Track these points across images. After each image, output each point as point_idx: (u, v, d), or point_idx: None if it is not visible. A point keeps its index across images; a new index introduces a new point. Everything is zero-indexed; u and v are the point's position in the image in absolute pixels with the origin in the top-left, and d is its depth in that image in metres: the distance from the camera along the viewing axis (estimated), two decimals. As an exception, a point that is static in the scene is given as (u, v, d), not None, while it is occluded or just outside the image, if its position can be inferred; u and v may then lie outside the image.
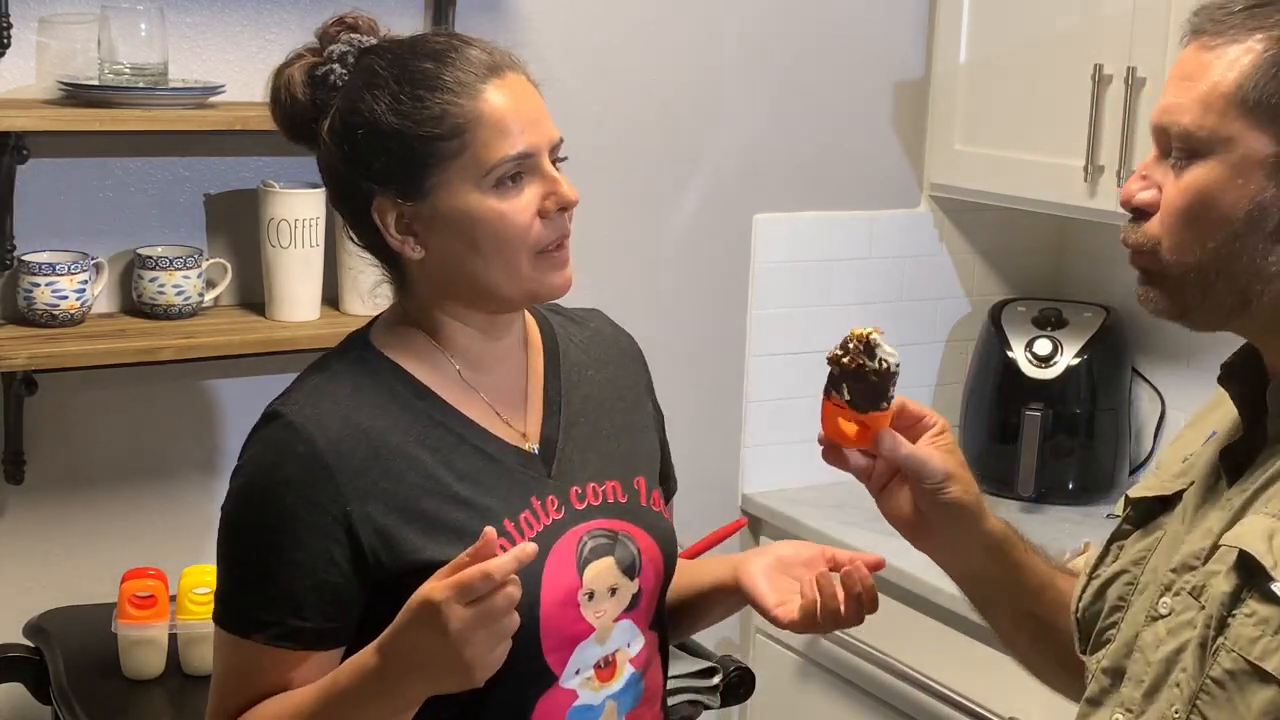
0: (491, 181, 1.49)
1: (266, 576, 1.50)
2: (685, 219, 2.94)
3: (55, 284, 2.30)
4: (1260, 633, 1.24)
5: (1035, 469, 2.94)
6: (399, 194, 1.51)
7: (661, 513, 1.69)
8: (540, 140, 1.51)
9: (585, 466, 1.62)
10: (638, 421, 1.72)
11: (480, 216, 1.49)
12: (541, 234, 1.51)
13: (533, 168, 1.51)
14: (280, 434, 1.52)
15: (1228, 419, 1.43)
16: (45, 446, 2.43)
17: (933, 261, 3.19)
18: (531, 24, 2.72)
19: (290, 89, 1.56)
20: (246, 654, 1.52)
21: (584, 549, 1.57)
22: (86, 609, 2.38)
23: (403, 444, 1.52)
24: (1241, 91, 1.28)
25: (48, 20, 2.36)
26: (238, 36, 2.48)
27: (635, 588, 1.61)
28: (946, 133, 3.04)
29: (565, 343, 1.69)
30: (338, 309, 2.53)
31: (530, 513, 1.56)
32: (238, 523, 1.55)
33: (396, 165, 1.50)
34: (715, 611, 1.80)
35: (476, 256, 1.51)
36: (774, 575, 1.63)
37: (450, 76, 1.50)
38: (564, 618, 1.54)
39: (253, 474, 1.53)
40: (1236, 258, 1.30)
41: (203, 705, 2.18)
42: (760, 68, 2.95)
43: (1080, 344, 2.99)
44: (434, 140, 1.49)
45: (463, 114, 1.49)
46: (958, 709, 2.54)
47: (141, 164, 2.45)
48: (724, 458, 3.02)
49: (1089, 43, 2.70)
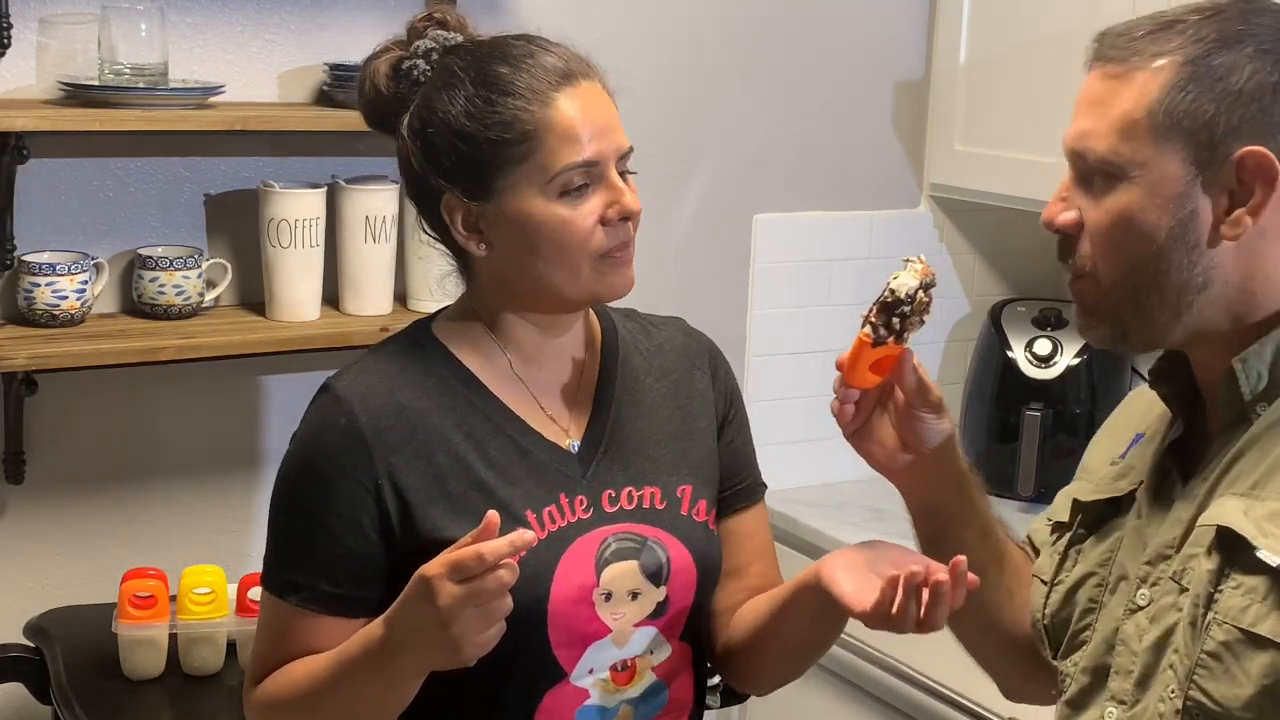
0: (556, 188, 1.52)
1: (303, 541, 1.56)
2: (685, 219, 2.94)
3: (55, 284, 2.30)
4: (1249, 601, 1.28)
5: (1035, 469, 2.94)
6: (467, 193, 1.55)
7: (705, 523, 1.67)
8: (607, 149, 1.55)
9: (625, 470, 1.63)
10: (696, 431, 1.71)
11: (543, 221, 1.52)
12: (602, 241, 1.55)
13: (598, 176, 1.54)
14: (326, 405, 1.57)
15: (1151, 419, 1.50)
16: (45, 446, 2.43)
17: (932, 262, 3.14)
18: (531, 24, 2.70)
19: (374, 80, 1.60)
20: (281, 614, 1.57)
21: (605, 550, 1.58)
22: (86, 609, 2.38)
23: (440, 425, 1.56)
24: (1152, 117, 1.33)
25: (48, 20, 2.36)
26: (238, 36, 2.48)
27: (661, 595, 1.60)
28: (946, 133, 3.04)
29: (628, 348, 1.71)
30: (338, 309, 2.53)
31: (555, 508, 1.57)
32: (282, 487, 1.60)
33: (465, 166, 1.53)
34: (804, 623, 1.62)
35: (538, 259, 1.54)
36: (857, 569, 1.52)
37: (523, 82, 1.53)
38: (576, 615, 1.55)
39: (299, 442, 1.59)
40: (1165, 273, 1.35)
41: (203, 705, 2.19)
42: (760, 68, 2.95)
43: (1080, 344, 2.99)
44: (502, 144, 1.52)
45: (532, 120, 1.51)
46: (958, 709, 2.54)
47: (141, 164, 2.45)
48: (724, 458, 3.01)
49: (1089, 43, 2.70)
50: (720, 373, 1.78)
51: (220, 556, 2.45)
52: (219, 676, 2.24)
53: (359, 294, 2.51)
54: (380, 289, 2.51)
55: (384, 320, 2.47)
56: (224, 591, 2.26)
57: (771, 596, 1.67)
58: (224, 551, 2.51)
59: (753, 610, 1.70)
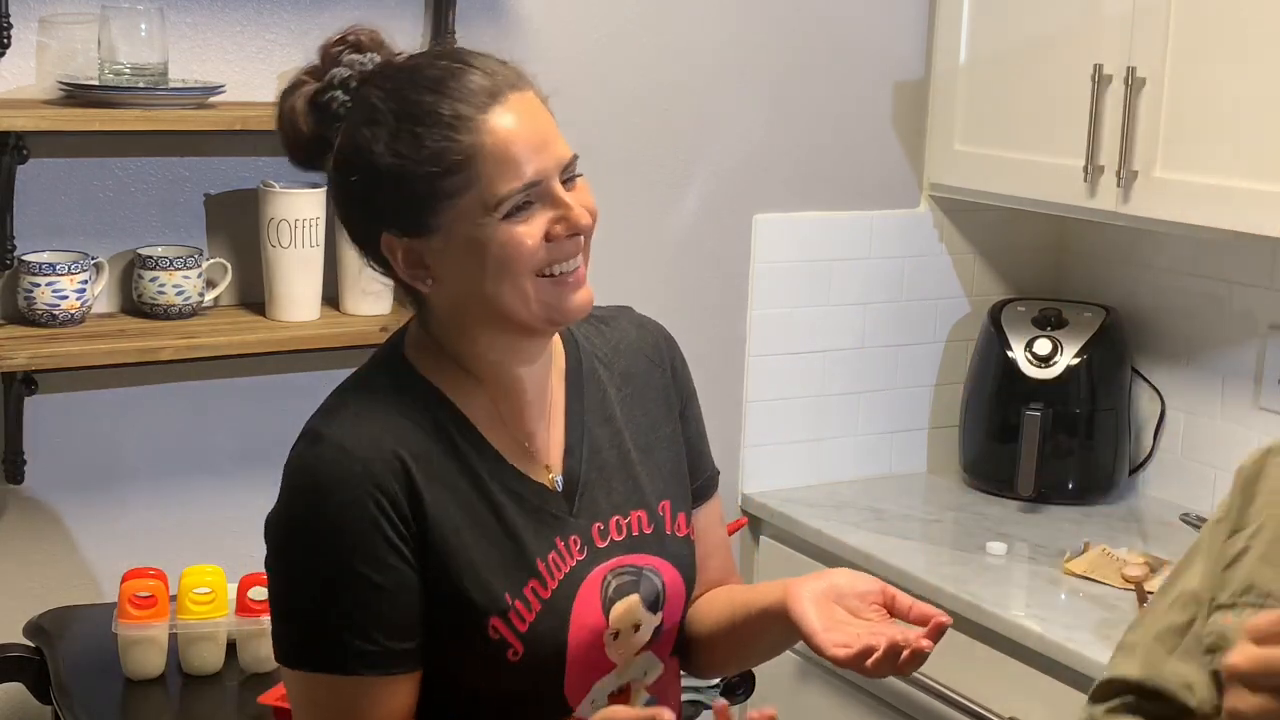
0: (501, 215, 1.43)
1: (348, 602, 1.44)
2: (685, 219, 2.94)
3: (55, 284, 2.31)
4: None
5: (1035, 469, 2.93)
6: (404, 232, 1.47)
7: (687, 537, 1.65)
8: (548, 165, 1.45)
9: (609, 498, 1.58)
10: (664, 437, 1.67)
11: (486, 245, 1.44)
12: (544, 257, 1.46)
13: (542, 194, 1.45)
14: (332, 457, 1.45)
15: None
16: (45, 446, 2.43)
17: (932, 261, 3.19)
18: (531, 24, 2.72)
19: (293, 119, 1.52)
20: (343, 692, 1.45)
21: (608, 589, 1.55)
22: (86, 609, 2.38)
23: (443, 474, 1.48)
24: None
25: (48, 20, 2.36)
26: (238, 36, 2.48)
27: (658, 621, 1.59)
28: (946, 133, 3.04)
29: (590, 360, 1.64)
30: (338, 309, 2.53)
31: (556, 554, 1.52)
32: (298, 555, 1.47)
33: (399, 205, 1.46)
34: (765, 640, 1.66)
35: (485, 282, 1.45)
36: (824, 603, 1.51)
37: (449, 110, 1.43)
38: (588, 660, 1.53)
39: (308, 502, 1.46)
40: None
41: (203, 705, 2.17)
42: (760, 67, 2.95)
43: (1080, 344, 2.99)
44: (436, 178, 1.43)
45: (464, 149, 1.42)
46: (958, 709, 2.54)
47: (141, 164, 2.45)
48: (724, 458, 2.98)
49: (1089, 43, 2.70)
50: (676, 364, 1.72)
51: (220, 556, 2.45)
52: (219, 676, 2.24)
53: (359, 294, 2.50)
54: (380, 289, 2.51)
55: (384, 320, 2.47)
56: (224, 591, 2.26)
57: (732, 606, 1.66)
58: (224, 551, 2.51)
59: (711, 611, 1.69)
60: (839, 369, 3.12)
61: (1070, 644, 2.35)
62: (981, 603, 2.52)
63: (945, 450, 3.22)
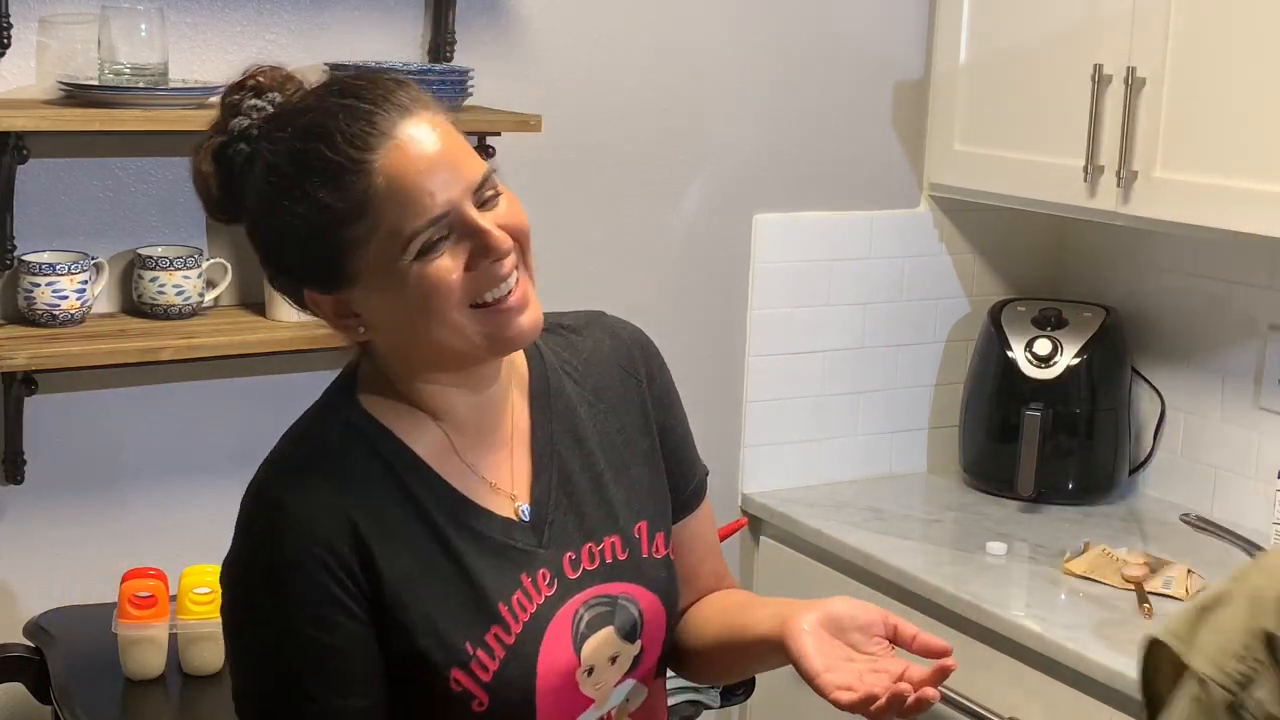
0: (413, 254, 1.36)
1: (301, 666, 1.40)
2: (685, 219, 2.94)
3: (55, 284, 2.31)
4: None
5: (1035, 469, 2.94)
6: (323, 288, 1.42)
7: (665, 558, 1.58)
8: (455, 193, 1.36)
9: (581, 526, 1.51)
10: (640, 453, 1.59)
11: (406, 286, 1.37)
12: (471, 288, 1.38)
13: (455, 223, 1.37)
14: (279, 521, 1.41)
15: None
16: (45, 446, 2.43)
17: (932, 261, 3.19)
18: (531, 24, 2.72)
19: (204, 181, 1.46)
20: None
21: (580, 623, 1.48)
22: (86, 609, 2.38)
23: (395, 525, 1.42)
24: None
25: (48, 20, 2.36)
26: (238, 36, 2.48)
27: (637, 649, 1.53)
28: (946, 133, 3.04)
29: (558, 376, 1.56)
30: (338, 309, 2.53)
31: (522, 593, 1.45)
32: (249, 623, 1.44)
33: (310, 262, 1.40)
34: (760, 665, 1.62)
35: (417, 322, 1.39)
36: (824, 638, 1.45)
37: (342, 154, 1.35)
38: (560, 701, 1.47)
39: (259, 563, 1.43)
40: None
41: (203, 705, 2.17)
42: (760, 67, 2.95)
43: (1080, 344, 2.99)
44: (340, 228, 1.36)
45: (364, 193, 1.35)
46: (958, 709, 2.54)
47: (141, 164, 2.46)
48: (724, 458, 3.02)
49: (1089, 43, 2.70)
50: (653, 371, 1.63)
51: (220, 556, 2.44)
52: (219, 676, 2.24)
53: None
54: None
55: (384, 320, 2.47)
56: (224, 591, 2.26)
57: (728, 627, 1.61)
58: (224, 551, 2.50)
59: (706, 626, 1.64)
60: (839, 369, 3.12)
61: (1070, 644, 2.35)
62: (981, 603, 2.52)
63: (945, 450, 3.22)
